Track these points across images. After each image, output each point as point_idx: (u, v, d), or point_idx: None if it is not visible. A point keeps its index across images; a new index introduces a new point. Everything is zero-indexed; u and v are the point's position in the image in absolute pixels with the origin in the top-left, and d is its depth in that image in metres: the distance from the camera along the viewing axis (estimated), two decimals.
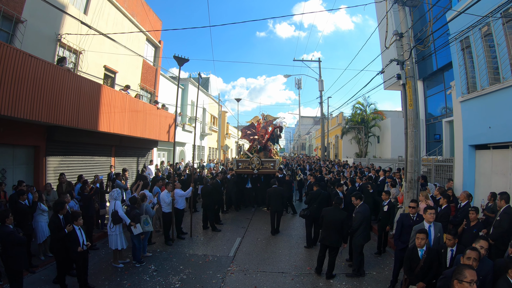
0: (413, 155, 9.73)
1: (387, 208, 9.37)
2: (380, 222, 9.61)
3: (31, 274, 7.54)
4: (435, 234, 6.32)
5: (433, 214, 6.43)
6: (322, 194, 10.19)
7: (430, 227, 6.38)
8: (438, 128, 20.45)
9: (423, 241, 5.65)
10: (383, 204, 9.57)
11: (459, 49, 11.52)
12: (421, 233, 5.72)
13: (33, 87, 9.15)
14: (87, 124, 11.70)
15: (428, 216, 6.40)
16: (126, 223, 8.32)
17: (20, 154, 10.72)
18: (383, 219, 9.44)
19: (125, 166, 15.83)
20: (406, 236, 6.94)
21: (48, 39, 11.53)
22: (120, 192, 9.17)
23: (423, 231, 5.77)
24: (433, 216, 6.43)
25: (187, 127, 25.07)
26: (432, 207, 6.58)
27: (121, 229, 8.37)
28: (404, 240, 6.97)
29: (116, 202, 8.45)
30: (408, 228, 6.93)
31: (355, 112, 31.29)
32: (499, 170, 10.16)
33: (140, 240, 8.55)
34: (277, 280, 7.64)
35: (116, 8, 15.66)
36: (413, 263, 5.69)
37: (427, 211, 6.46)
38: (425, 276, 5.51)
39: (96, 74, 14.07)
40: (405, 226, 7.13)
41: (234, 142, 48.23)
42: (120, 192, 9.25)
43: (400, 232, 7.18)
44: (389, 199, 9.64)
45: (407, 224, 7.09)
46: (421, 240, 5.65)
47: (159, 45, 21.42)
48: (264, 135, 17.54)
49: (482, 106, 10.60)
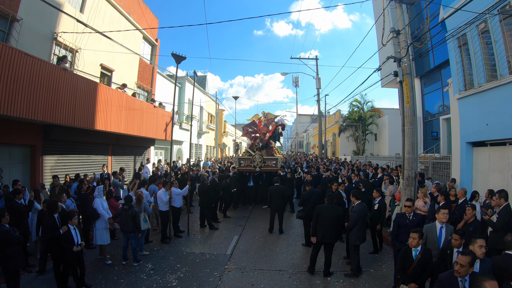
0: (410, 152, 9.74)
1: (377, 206, 9.32)
2: (371, 221, 9.39)
3: (27, 274, 7.52)
4: (446, 237, 6.04)
5: (446, 214, 6.15)
6: (315, 193, 10.08)
7: (442, 228, 6.15)
8: (436, 126, 20.46)
9: (414, 241, 5.46)
10: (374, 202, 9.51)
11: (456, 46, 11.52)
12: (414, 232, 5.52)
13: (29, 86, 9.12)
14: (83, 123, 11.66)
15: (441, 217, 6.12)
16: (105, 219, 8.46)
17: (17, 153, 10.68)
18: (374, 217, 9.32)
19: (122, 165, 15.85)
20: (403, 236, 6.71)
21: (44, 38, 11.46)
22: (102, 190, 9.21)
23: (416, 231, 5.56)
24: (446, 216, 6.16)
25: (184, 125, 25.04)
26: (445, 207, 6.34)
27: (107, 225, 8.48)
28: (401, 240, 6.74)
29: (95, 200, 8.65)
30: (405, 227, 6.75)
31: (353, 109, 31.26)
32: (497, 167, 10.18)
33: (137, 239, 8.55)
34: (274, 278, 7.63)
35: (113, 6, 15.58)
36: (407, 263, 5.55)
37: (440, 211, 6.19)
38: (418, 277, 5.39)
39: (92, 73, 14.03)
40: (401, 226, 6.93)
41: (232, 140, 48.24)
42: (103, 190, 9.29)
43: (397, 232, 7.00)
44: (380, 197, 9.53)
45: (403, 224, 6.90)
46: (413, 239, 5.47)
47: (155, 43, 21.37)
48: (265, 133, 17.50)
49: (479, 103, 10.60)
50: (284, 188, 11.86)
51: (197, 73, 13.06)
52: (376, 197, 9.46)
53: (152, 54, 21.33)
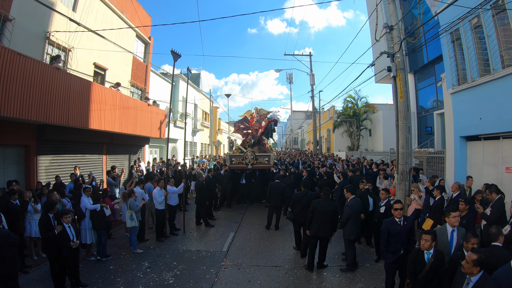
0: (405, 147, 9.79)
1: (384, 209, 8.07)
2: (376, 226, 8.36)
3: (24, 275, 7.48)
4: (457, 241, 5.48)
5: (458, 217, 5.58)
6: (307, 196, 8.95)
7: (453, 231, 5.58)
8: (430, 121, 20.56)
9: (427, 243, 4.99)
10: (380, 205, 8.28)
11: (449, 41, 11.56)
12: (427, 234, 5.07)
13: (22, 85, 9.04)
14: (77, 122, 11.59)
15: (453, 220, 5.53)
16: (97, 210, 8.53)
17: (11, 154, 10.61)
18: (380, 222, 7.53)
19: (117, 164, 15.82)
20: (395, 245, 6.14)
21: (37, 37, 11.37)
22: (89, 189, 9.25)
23: (429, 232, 5.11)
24: (458, 219, 5.59)
25: (178, 123, 24.98)
26: (456, 210, 5.70)
27: (90, 225, 8.51)
28: (393, 251, 6.15)
29: (82, 198, 8.68)
30: (397, 235, 6.12)
31: (347, 105, 31.32)
32: (490, 161, 10.25)
33: (107, 235, 8.75)
34: (270, 273, 7.67)
35: (105, 4, 15.47)
36: (418, 267, 5.09)
37: (450, 214, 5.57)
38: (430, 283, 4.99)
39: (85, 72, 13.94)
40: (392, 234, 6.18)
41: (226, 138, 48.22)
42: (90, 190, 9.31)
43: (387, 242, 6.25)
44: (387, 199, 8.29)
45: (394, 232, 6.16)
46: (425, 242, 5.01)
47: (149, 41, 21.26)
48: (258, 129, 17.23)
49: (472, 97, 10.65)
50: (284, 185, 11.72)
51: (191, 70, 13.01)
52: (382, 199, 8.30)
53: (145, 52, 21.22)
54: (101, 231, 8.50)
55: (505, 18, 8.98)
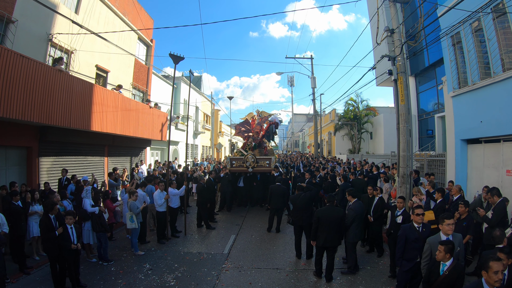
0: (405, 150, 9.80)
1: (401, 219, 7.36)
2: (392, 236, 7.48)
3: (25, 276, 7.50)
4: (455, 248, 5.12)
5: (452, 225, 5.20)
6: (301, 198, 8.82)
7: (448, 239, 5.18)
8: (431, 124, 20.54)
9: (440, 254, 4.62)
10: (396, 214, 7.57)
11: (450, 45, 11.59)
12: (442, 244, 4.66)
13: (25, 87, 9.11)
14: (79, 124, 11.66)
15: (446, 228, 5.18)
16: (96, 212, 8.50)
17: (13, 155, 10.67)
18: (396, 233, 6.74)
19: (118, 166, 15.82)
20: (411, 252, 5.80)
21: (39, 39, 11.44)
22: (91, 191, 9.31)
23: (444, 243, 4.68)
24: (452, 228, 5.21)
25: (180, 125, 25.02)
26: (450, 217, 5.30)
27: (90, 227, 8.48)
28: (409, 258, 5.81)
29: (84, 200, 8.72)
30: (415, 242, 5.78)
31: (348, 108, 31.28)
32: (491, 164, 10.25)
33: (106, 238, 8.67)
34: (271, 276, 7.67)
35: (108, 7, 15.56)
36: (432, 276, 4.79)
37: (444, 222, 5.20)
38: None
39: (88, 74, 14.00)
40: (409, 240, 5.82)
41: (228, 140, 48.20)
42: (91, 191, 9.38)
43: (404, 249, 5.89)
44: (403, 208, 7.57)
45: (412, 238, 5.81)
46: (439, 252, 4.64)
47: (151, 44, 21.34)
48: (259, 131, 17.05)
49: (473, 100, 10.67)
50: (285, 188, 11.66)
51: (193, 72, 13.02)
52: (399, 208, 7.59)
53: (147, 54, 21.29)
54: (100, 233, 8.47)
55: (505, 21, 9.01)
